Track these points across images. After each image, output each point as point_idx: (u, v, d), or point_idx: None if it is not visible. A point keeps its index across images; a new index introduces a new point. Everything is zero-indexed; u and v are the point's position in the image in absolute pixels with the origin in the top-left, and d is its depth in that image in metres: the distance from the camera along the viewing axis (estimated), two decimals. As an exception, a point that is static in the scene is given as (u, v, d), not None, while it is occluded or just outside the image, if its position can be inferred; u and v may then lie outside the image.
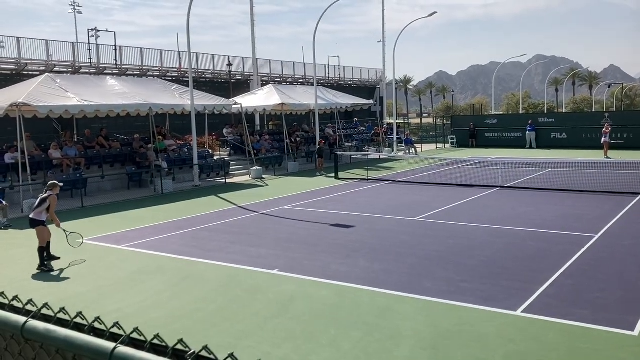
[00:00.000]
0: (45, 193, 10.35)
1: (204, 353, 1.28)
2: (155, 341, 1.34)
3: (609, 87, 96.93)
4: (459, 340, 6.42)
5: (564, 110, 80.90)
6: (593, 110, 77.71)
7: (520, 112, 68.59)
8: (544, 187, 18.33)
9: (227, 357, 1.23)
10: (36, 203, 10.42)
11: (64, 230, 10.72)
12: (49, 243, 10.38)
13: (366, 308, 7.58)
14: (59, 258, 10.54)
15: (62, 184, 11.31)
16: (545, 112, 66.82)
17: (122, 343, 1.35)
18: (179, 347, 1.30)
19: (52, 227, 10.41)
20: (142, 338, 1.37)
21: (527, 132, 35.54)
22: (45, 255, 10.23)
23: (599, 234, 11.55)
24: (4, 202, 14.82)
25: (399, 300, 7.84)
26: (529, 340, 6.36)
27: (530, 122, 35.86)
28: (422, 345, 6.34)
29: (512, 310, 7.28)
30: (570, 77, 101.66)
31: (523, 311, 7.26)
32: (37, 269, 9.97)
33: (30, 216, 10.32)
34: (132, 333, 1.38)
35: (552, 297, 7.80)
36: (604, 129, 29.11)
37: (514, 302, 7.57)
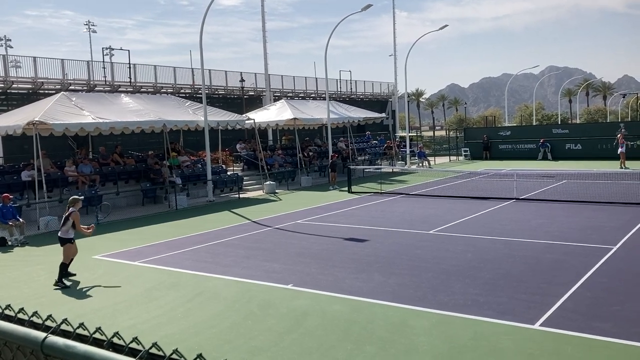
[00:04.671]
0: (68, 210, 10.47)
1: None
2: (174, 356, 1.34)
3: (624, 97, 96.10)
4: (476, 355, 6.33)
5: (577, 121, 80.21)
6: (608, 121, 77.06)
7: (534, 123, 68.22)
8: (560, 199, 18.15)
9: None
10: (62, 222, 10.56)
11: (97, 221, 10.75)
12: (71, 260, 10.49)
13: (381, 322, 7.51)
14: (74, 274, 10.62)
15: (82, 197, 11.43)
16: (559, 123, 66.39)
17: (140, 358, 1.35)
18: (198, 362, 1.30)
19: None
20: (160, 353, 1.37)
21: (541, 148, 35.60)
22: (63, 271, 10.30)
23: (618, 245, 11.38)
24: (21, 220, 14.97)
25: (414, 315, 7.77)
26: (547, 355, 6.26)
27: (542, 140, 35.74)
28: (439, 360, 6.26)
29: (530, 324, 7.18)
30: (583, 87, 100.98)
31: (541, 325, 7.15)
32: (54, 285, 10.04)
33: (59, 234, 10.49)
34: (150, 348, 1.38)
35: (571, 310, 7.68)
36: (619, 140, 28.88)
37: (532, 316, 7.46)
